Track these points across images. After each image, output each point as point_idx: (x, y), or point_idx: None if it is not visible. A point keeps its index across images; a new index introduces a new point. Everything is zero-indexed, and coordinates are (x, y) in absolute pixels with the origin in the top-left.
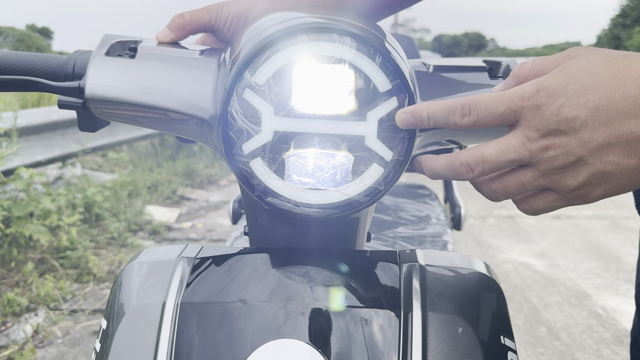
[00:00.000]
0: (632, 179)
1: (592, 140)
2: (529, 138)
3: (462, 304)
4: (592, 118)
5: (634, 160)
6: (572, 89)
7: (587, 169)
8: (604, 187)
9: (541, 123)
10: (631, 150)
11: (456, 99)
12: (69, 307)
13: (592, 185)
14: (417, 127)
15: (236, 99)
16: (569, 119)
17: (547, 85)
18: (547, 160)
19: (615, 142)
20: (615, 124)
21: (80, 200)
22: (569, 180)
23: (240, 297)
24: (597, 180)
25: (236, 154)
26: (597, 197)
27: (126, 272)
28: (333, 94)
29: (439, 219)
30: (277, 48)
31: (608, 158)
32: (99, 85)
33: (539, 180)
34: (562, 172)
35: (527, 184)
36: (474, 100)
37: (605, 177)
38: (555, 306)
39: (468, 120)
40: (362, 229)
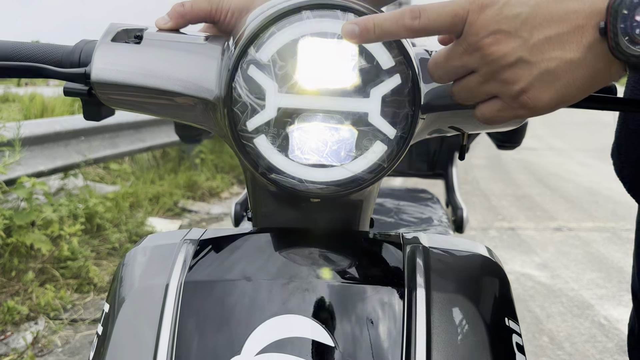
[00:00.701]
0: (575, 78)
1: (532, 37)
2: (470, 44)
3: (466, 285)
4: (532, 14)
5: (576, 54)
6: None
7: (529, 70)
8: (549, 91)
9: (482, 25)
10: (571, 43)
11: (403, 8)
12: (69, 317)
13: (538, 88)
14: (364, 38)
15: (241, 75)
16: (509, 17)
17: None
18: (487, 63)
19: (555, 35)
20: (555, 18)
21: (81, 210)
22: (511, 86)
23: (244, 275)
24: (542, 83)
25: (240, 130)
26: (544, 103)
27: (129, 256)
28: (337, 71)
29: (441, 221)
30: (281, 24)
31: (549, 54)
32: (105, 69)
33: (484, 86)
34: (503, 76)
35: (474, 89)
36: (422, 6)
37: (549, 77)
38: (557, 316)
39: (419, 22)
40: (365, 211)
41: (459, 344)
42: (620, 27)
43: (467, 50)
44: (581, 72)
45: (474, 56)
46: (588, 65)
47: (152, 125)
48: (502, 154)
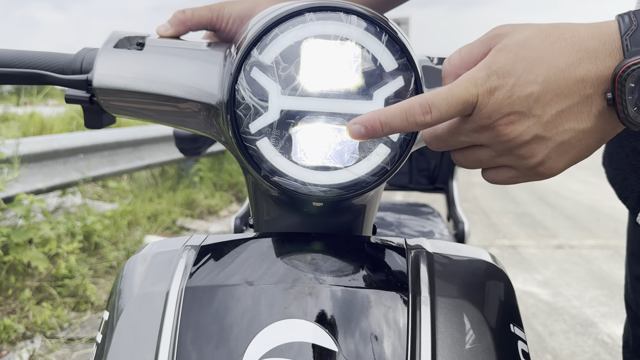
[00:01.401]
0: (589, 144)
1: (545, 114)
2: (481, 126)
3: (470, 291)
4: (544, 92)
5: (588, 123)
6: (520, 66)
7: (545, 144)
8: (564, 159)
9: (494, 109)
10: (582, 113)
11: (410, 100)
12: (65, 336)
13: (553, 160)
14: (372, 138)
15: (244, 77)
16: (521, 98)
17: (495, 69)
18: (501, 142)
19: (567, 108)
20: (565, 91)
21: (79, 228)
22: (528, 160)
23: (246, 279)
24: (557, 153)
25: (243, 132)
26: (560, 170)
27: (129, 263)
28: (340, 73)
29: (443, 235)
30: (284, 26)
31: (563, 127)
32: (107, 75)
33: (497, 160)
34: (519, 152)
35: (485, 162)
36: (431, 97)
37: (565, 148)
38: (560, 334)
39: (431, 117)
40: (368, 217)
41: (465, 350)
42: (628, 99)
43: (477, 130)
44: (593, 138)
45: (485, 135)
46: (599, 130)
47: (150, 143)
48: None
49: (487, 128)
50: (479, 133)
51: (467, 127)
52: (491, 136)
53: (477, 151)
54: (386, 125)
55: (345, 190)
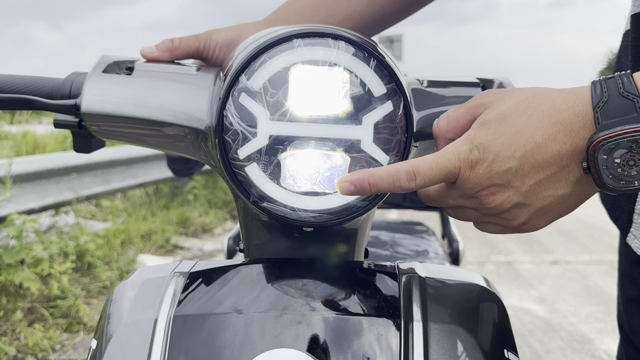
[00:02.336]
0: (569, 205)
1: (524, 185)
2: (465, 194)
3: (463, 316)
4: (521, 166)
5: (566, 190)
6: (499, 142)
7: (526, 209)
8: (546, 219)
9: (475, 182)
10: (560, 182)
11: (397, 165)
12: (57, 358)
13: (535, 220)
14: (359, 195)
15: (232, 103)
16: (500, 173)
17: (477, 144)
18: (485, 209)
19: (545, 178)
20: (542, 164)
21: (72, 248)
22: (511, 221)
23: (235, 308)
24: (538, 215)
25: (232, 159)
26: (542, 226)
27: (118, 290)
28: (328, 98)
29: (437, 254)
30: (272, 52)
31: (543, 194)
32: (95, 100)
33: (484, 219)
34: (502, 216)
35: (474, 219)
36: (417, 166)
37: (545, 210)
38: (557, 351)
39: (415, 184)
40: (359, 241)
41: None
42: (602, 168)
43: (463, 196)
44: (572, 200)
45: (470, 201)
46: (578, 194)
47: (144, 161)
48: None
49: (471, 196)
50: (464, 199)
51: (453, 193)
52: (475, 203)
53: (466, 211)
54: (374, 186)
55: (335, 215)
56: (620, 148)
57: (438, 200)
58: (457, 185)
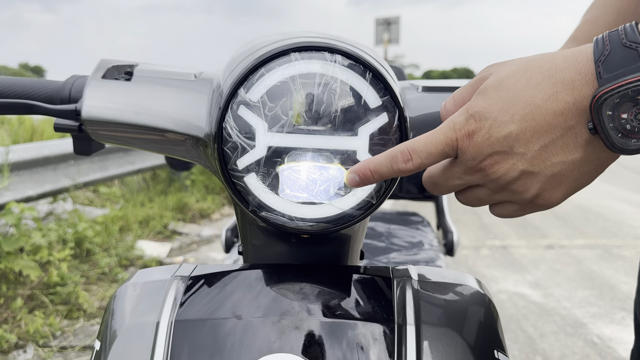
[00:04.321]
0: (584, 173)
1: (528, 150)
2: (469, 167)
3: (455, 318)
4: (522, 129)
5: (577, 154)
6: (496, 107)
7: (536, 179)
8: (562, 189)
9: (476, 151)
10: (569, 145)
11: (393, 148)
12: (58, 344)
13: (549, 191)
14: (366, 184)
15: (231, 115)
16: (500, 139)
17: (472, 113)
18: (492, 181)
19: (551, 142)
20: (545, 126)
21: (71, 235)
22: (523, 194)
23: (234, 313)
24: (552, 185)
25: (231, 169)
26: (559, 199)
27: (120, 293)
28: (325, 110)
29: (432, 245)
30: (270, 66)
31: (551, 160)
32: (95, 107)
33: (495, 197)
34: (512, 188)
35: (485, 199)
36: (412, 144)
37: (558, 179)
38: (551, 335)
39: (412, 164)
40: (355, 245)
41: None
42: (609, 126)
43: (467, 171)
44: (588, 166)
45: (476, 175)
46: (592, 159)
47: None
48: None
49: (475, 169)
50: (469, 175)
51: (457, 170)
52: (481, 176)
53: (476, 191)
54: (375, 172)
55: (331, 223)
56: (625, 101)
57: (444, 182)
58: (459, 159)
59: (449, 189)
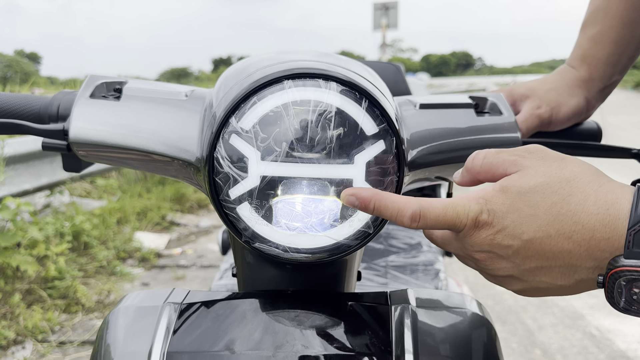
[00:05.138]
0: (566, 292)
1: (523, 264)
2: (466, 248)
3: (454, 346)
4: (524, 248)
5: (567, 282)
6: (510, 217)
7: (521, 283)
8: (540, 294)
9: (476, 242)
10: (564, 275)
11: (407, 201)
12: (57, 339)
13: (529, 292)
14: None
15: (222, 144)
16: (502, 246)
17: (489, 208)
18: (481, 267)
19: (547, 267)
20: (548, 254)
21: (68, 228)
22: (505, 285)
23: (228, 345)
24: (532, 290)
25: (223, 200)
26: (538, 296)
27: (112, 317)
28: (320, 138)
29: (431, 246)
30: (263, 94)
31: (540, 279)
32: (83, 128)
33: (483, 273)
34: (498, 278)
35: (475, 269)
36: (425, 209)
37: (540, 290)
38: (549, 327)
39: (417, 225)
40: (352, 270)
41: None
42: (617, 291)
43: (462, 249)
44: (571, 290)
45: (469, 257)
46: (578, 288)
47: None
48: None
49: (469, 252)
50: (464, 252)
51: (456, 243)
52: (473, 261)
53: (465, 260)
54: (377, 211)
55: (327, 253)
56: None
57: (440, 245)
58: (460, 238)
59: (444, 249)
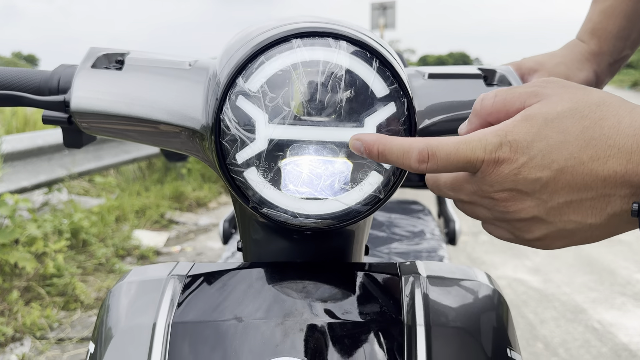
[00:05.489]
0: (594, 236)
1: (551, 200)
2: (482, 191)
3: (467, 317)
4: (554, 180)
5: (598, 219)
6: (538, 146)
7: (545, 227)
8: (564, 242)
9: (496, 180)
10: (595, 209)
11: (414, 140)
12: (55, 336)
13: (551, 239)
14: (367, 157)
15: (229, 106)
16: (528, 181)
17: (510, 140)
18: (499, 212)
19: (578, 201)
20: (580, 185)
21: (66, 226)
22: (524, 234)
23: (234, 314)
24: (556, 236)
25: (229, 164)
26: (558, 247)
27: (114, 292)
28: (329, 100)
29: (434, 234)
30: (271, 54)
31: (568, 217)
32: (85, 98)
33: (494, 222)
34: (516, 225)
35: (484, 219)
36: (434, 147)
37: (565, 234)
38: (551, 321)
39: (425, 167)
40: (359, 241)
41: None
42: None
43: (478, 193)
44: (600, 232)
45: (485, 200)
46: (610, 227)
47: None
48: None
49: (487, 195)
50: (479, 196)
51: (469, 187)
52: (490, 203)
53: (477, 209)
54: (382, 155)
55: (337, 220)
56: None
57: (448, 192)
58: (475, 179)
59: (451, 198)
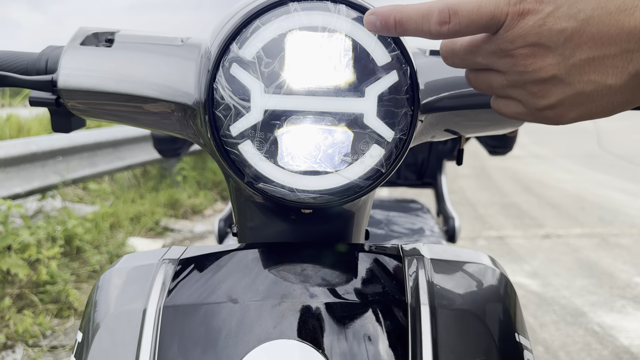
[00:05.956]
0: (611, 103)
1: (573, 56)
2: (502, 49)
3: (472, 299)
4: (579, 32)
5: (618, 80)
6: None
7: (562, 89)
8: (579, 110)
9: (519, 34)
10: (616, 68)
11: (432, 3)
12: (48, 344)
13: (566, 107)
14: (384, 33)
15: (223, 74)
16: (552, 32)
17: None
18: (517, 73)
19: (600, 57)
20: (604, 38)
21: (60, 232)
22: (539, 100)
23: (229, 296)
24: (572, 102)
25: (223, 136)
26: (570, 120)
27: (103, 279)
28: (328, 68)
29: (433, 231)
30: (266, 18)
31: (589, 77)
32: (73, 75)
33: (508, 90)
34: (532, 89)
35: (496, 88)
36: (456, 5)
37: (582, 99)
38: (551, 325)
39: (447, 29)
40: (360, 223)
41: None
42: None
43: (496, 52)
44: (618, 97)
45: (503, 60)
46: (628, 91)
47: (131, 143)
48: (486, 164)
49: (506, 53)
50: (497, 57)
51: (487, 47)
52: (509, 63)
53: (491, 76)
54: (400, 25)
55: (336, 195)
56: None
57: (464, 57)
58: (497, 37)
59: (467, 64)
